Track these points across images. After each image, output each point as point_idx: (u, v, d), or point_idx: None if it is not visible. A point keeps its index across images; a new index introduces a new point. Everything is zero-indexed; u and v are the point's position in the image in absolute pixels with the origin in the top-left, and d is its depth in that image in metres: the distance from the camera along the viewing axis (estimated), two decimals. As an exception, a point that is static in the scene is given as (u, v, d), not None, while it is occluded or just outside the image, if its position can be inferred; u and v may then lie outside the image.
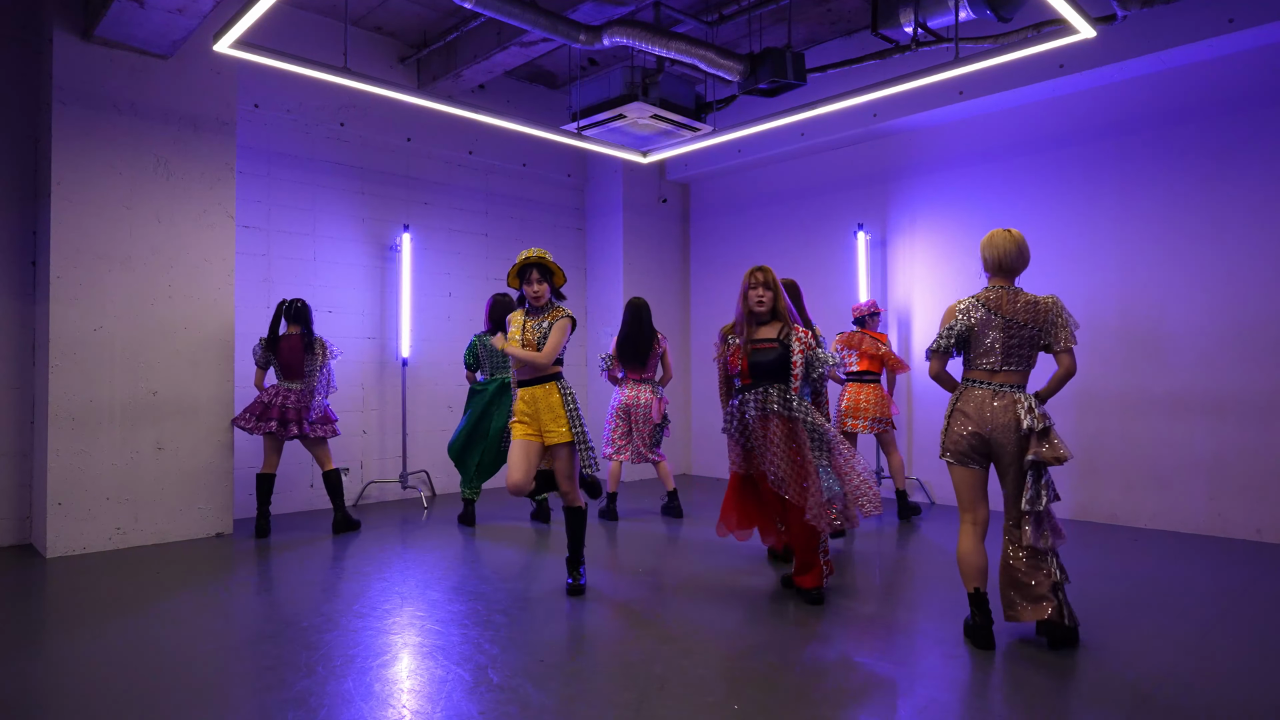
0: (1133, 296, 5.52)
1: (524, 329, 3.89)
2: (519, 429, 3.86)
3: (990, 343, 3.12)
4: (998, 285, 3.18)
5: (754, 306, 3.73)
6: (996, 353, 3.12)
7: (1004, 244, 3.16)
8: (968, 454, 3.15)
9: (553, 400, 3.84)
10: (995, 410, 3.09)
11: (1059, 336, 3.07)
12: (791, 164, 7.47)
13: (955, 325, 3.17)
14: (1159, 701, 2.63)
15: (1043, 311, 3.10)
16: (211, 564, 4.54)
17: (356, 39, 6.34)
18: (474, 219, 7.36)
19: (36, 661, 3.07)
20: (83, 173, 4.79)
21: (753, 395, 3.72)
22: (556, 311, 3.91)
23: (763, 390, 3.70)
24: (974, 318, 3.15)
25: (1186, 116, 5.33)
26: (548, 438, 3.82)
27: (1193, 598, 3.79)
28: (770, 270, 3.76)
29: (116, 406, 4.88)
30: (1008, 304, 3.12)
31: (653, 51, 5.04)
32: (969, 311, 3.17)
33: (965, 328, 3.16)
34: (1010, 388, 3.11)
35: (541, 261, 3.87)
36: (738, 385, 3.83)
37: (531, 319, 3.91)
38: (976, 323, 3.15)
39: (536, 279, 3.86)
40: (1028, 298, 3.13)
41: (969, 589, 3.16)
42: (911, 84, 4.71)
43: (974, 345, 3.16)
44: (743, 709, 2.59)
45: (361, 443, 6.52)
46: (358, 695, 2.70)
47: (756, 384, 3.73)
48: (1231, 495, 5.10)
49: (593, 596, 3.87)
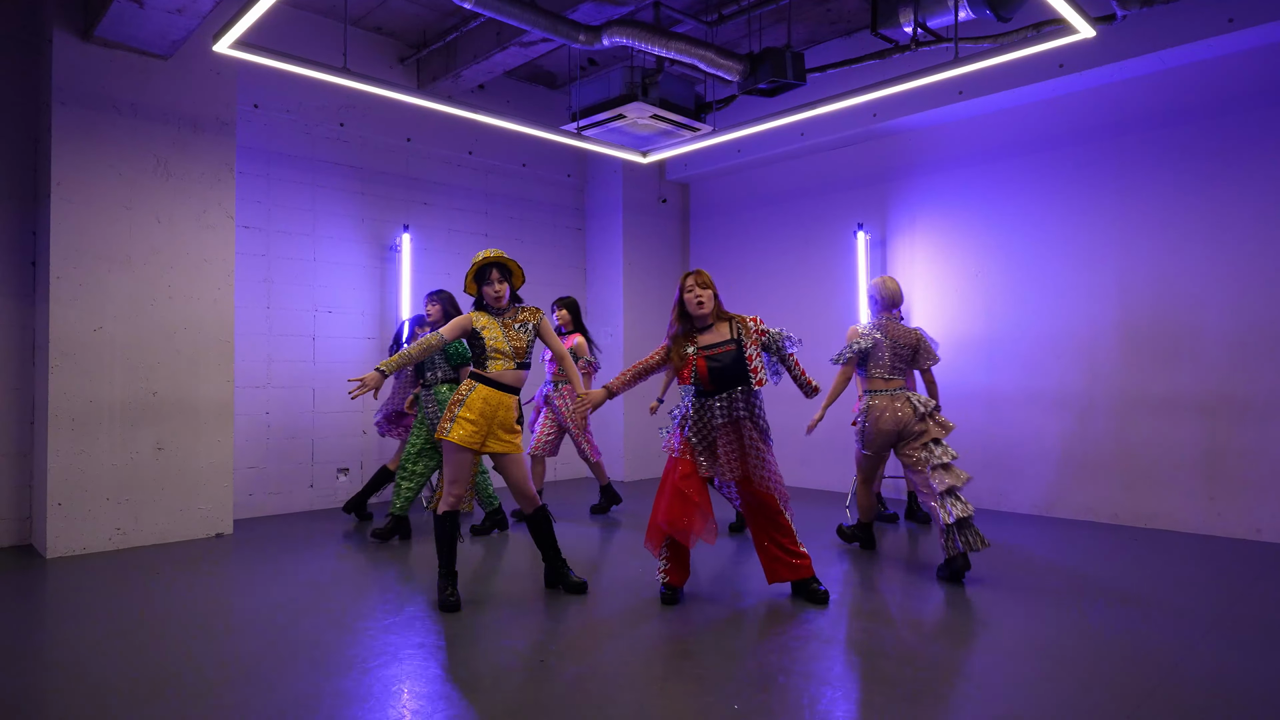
0: (1133, 296, 5.52)
1: (506, 335, 3.74)
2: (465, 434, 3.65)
3: (882, 356, 4.43)
4: (885, 316, 4.54)
5: (693, 309, 3.68)
6: (886, 364, 4.42)
7: (893, 288, 4.58)
8: (882, 448, 4.43)
9: (515, 414, 3.79)
10: (898, 410, 4.31)
11: (924, 361, 4.56)
12: (791, 164, 7.47)
13: (860, 344, 4.44)
14: (1159, 701, 2.63)
15: (915, 338, 4.52)
16: (212, 564, 4.54)
17: (356, 39, 6.34)
18: (474, 219, 7.36)
19: (36, 662, 3.07)
20: (83, 173, 4.79)
21: (718, 402, 3.65)
22: (528, 313, 3.83)
23: (728, 396, 3.65)
24: (873, 339, 4.44)
25: (1186, 116, 5.33)
26: (494, 445, 3.71)
27: (1192, 597, 3.80)
28: (706, 273, 3.75)
29: (116, 407, 4.88)
30: (893, 330, 4.49)
31: (652, 51, 5.04)
32: (869, 334, 4.47)
33: (867, 345, 4.43)
34: (900, 389, 4.39)
35: (501, 261, 3.78)
36: (697, 390, 3.70)
37: (505, 321, 3.78)
38: (874, 343, 4.44)
39: (498, 279, 3.75)
40: (904, 327, 4.54)
41: (867, 520, 4.77)
42: (911, 84, 4.71)
43: (872, 359, 4.45)
44: (743, 709, 2.59)
45: (362, 443, 6.52)
46: (358, 695, 2.70)
47: (720, 389, 3.66)
48: (1231, 495, 5.10)
49: (591, 597, 3.87)
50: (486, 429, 3.69)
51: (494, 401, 3.71)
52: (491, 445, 3.72)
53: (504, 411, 3.73)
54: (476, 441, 3.67)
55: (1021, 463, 5.98)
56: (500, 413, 3.72)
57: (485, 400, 3.69)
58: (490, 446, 3.72)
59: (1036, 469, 5.91)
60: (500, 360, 3.73)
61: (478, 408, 3.67)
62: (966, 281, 6.32)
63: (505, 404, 3.74)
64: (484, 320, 3.76)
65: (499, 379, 3.73)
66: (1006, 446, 6.06)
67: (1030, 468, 5.94)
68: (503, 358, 3.73)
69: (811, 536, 5.09)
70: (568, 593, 3.90)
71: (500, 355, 3.72)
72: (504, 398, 3.74)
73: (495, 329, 3.75)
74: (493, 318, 3.79)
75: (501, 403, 3.73)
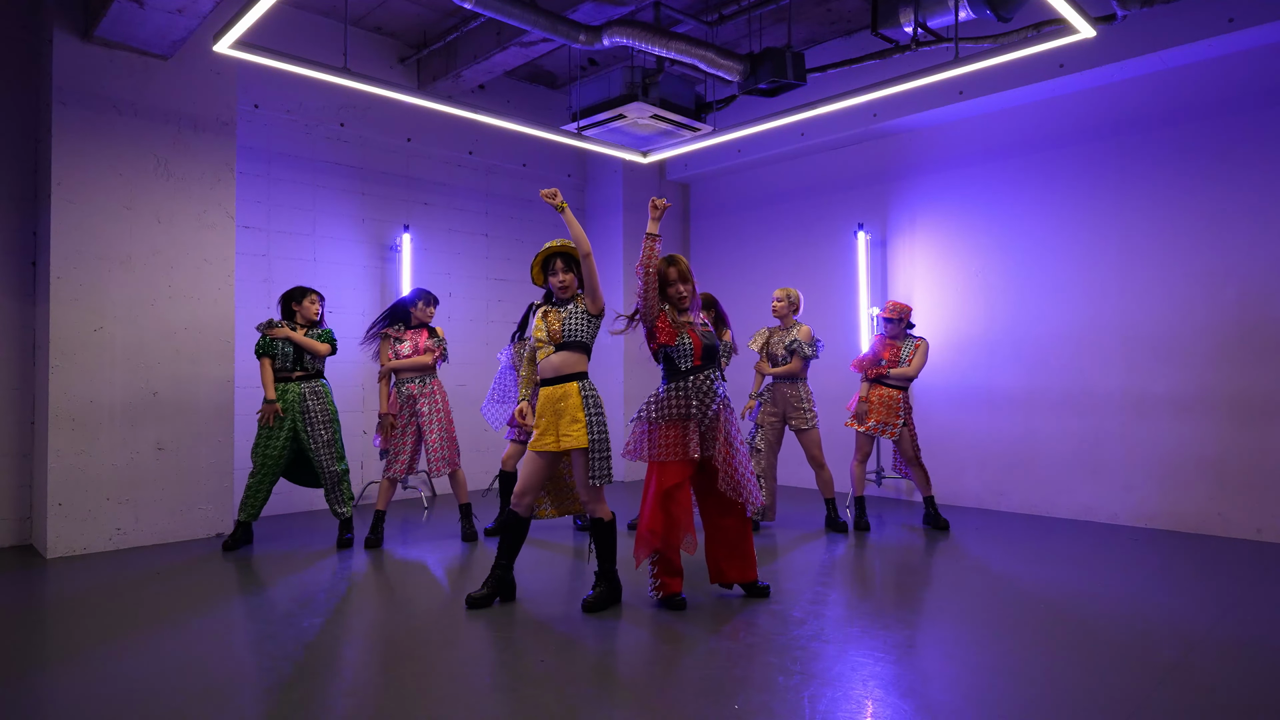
0: (1133, 295, 5.52)
1: (545, 321, 3.62)
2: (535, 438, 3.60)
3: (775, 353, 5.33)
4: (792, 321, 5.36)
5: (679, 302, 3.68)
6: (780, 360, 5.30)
7: (797, 294, 5.41)
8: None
9: (573, 402, 3.57)
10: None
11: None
12: (791, 164, 7.47)
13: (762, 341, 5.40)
14: (1160, 701, 2.63)
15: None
16: (212, 564, 4.54)
17: (356, 39, 6.34)
18: (474, 219, 7.36)
19: (37, 662, 3.07)
20: (83, 173, 4.80)
21: (705, 378, 3.64)
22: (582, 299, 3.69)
23: (709, 375, 3.65)
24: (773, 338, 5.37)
25: (1186, 116, 5.33)
26: (566, 442, 3.53)
27: (1193, 598, 3.80)
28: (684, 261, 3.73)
29: (117, 407, 4.88)
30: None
31: (653, 51, 5.04)
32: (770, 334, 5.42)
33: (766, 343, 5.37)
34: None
35: (566, 250, 3.64)
36: (684, 368, 3.62)
37: (558, 310, 3.65)
38: (773, 343, 5.35)
39: (562, 268, 3.62)
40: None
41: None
42: (911, 84, 4.71)
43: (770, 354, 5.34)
44: (743, 709, 2.59)
45: (362, 443, 6.52)
46: (358, 696, 2.70)
47: (705, 366, 3.66)
48: (1232, 495, 5.10)
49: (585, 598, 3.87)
50: (554, 426, 3.55)
51: (550, 396, 3.58)
52: (565, 443, 3.54)
53: (564, 403, 3.54)
54: (549, 443, 3.53)
55: (1021, 462, 5.98)
56: (560, 405, 3.55)
57: (545, 398, 3.59)
58: (564, 444, 3.54)
59: (1036, 469, 5.91)
60: (542, 349, 3.62)
61: (538, 407, 3.61)
62: (967, 281, 6.32)
63: (557, 395, 3.56)
64: (541, 310, 3.68)
65: (544, 372, 3.61)
66: (1006, 446, 6.06)
67: (1030, 467, 5.94)
68: (542, 345, 3.62)
69: (808, 534, 5.08)
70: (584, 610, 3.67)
71: (540, 344, 3.62)
72: (553, 390, 3.57)
73: (541, 318, 3.64)
74: (553, 308, 3.67)
75: (551, 396, 3.57)
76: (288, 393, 4.84)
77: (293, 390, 4.85)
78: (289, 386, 4.84)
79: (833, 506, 5.37)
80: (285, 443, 4.82)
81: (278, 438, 4.80)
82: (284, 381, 4.85)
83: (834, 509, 5.37)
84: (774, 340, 5.41)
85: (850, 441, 6.43)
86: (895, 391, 5.37)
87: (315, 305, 4.99)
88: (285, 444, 4.82)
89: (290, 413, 4.82)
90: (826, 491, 5.39)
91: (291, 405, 4.82)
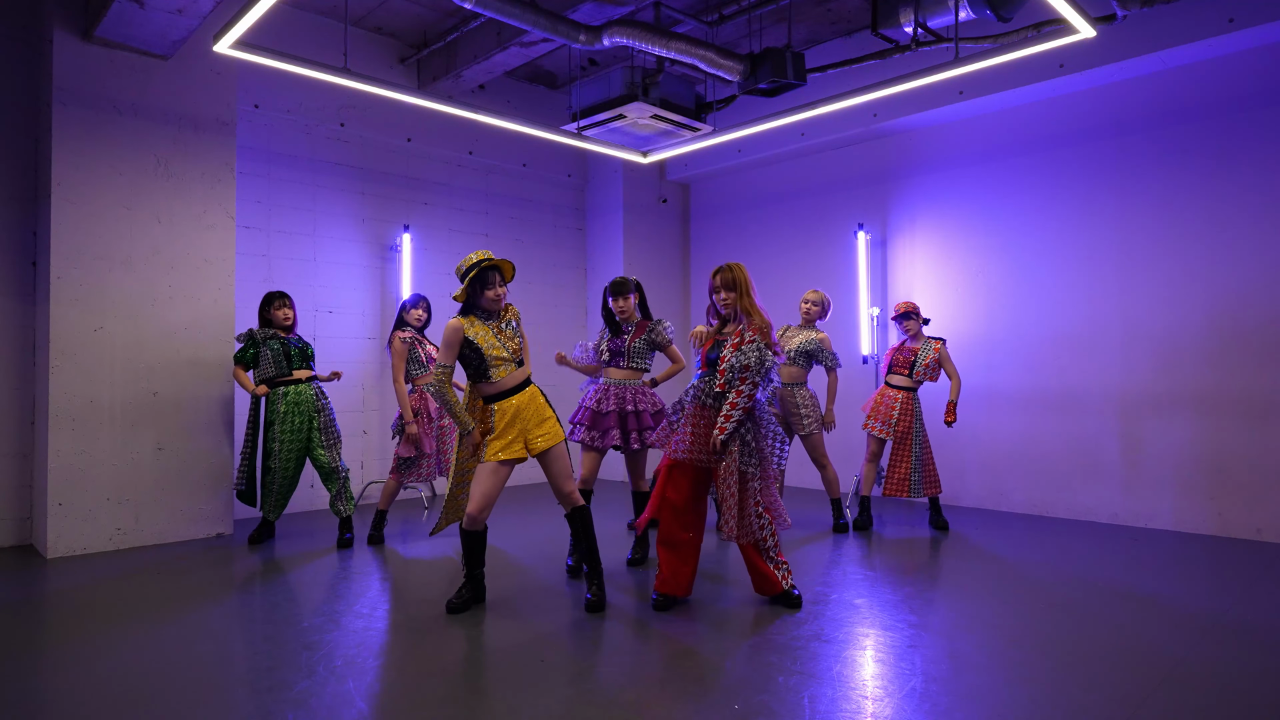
0: (1133, 296, 5.52)
1: (501, 340, 3.59)
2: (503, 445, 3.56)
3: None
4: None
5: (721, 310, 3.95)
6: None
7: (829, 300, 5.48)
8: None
9: (540, 402, 3.67)
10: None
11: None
12: (791, 164, 7.47)
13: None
14: (1159, 701, 2.63)
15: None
16: (212, 565, 4.54)
17: (356, 39, 6.34)
18: (474, 219, 7.36)
19: (37, 662, 3.07)
20: (83, 173, 4.80)
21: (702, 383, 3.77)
22: (509, 311, 3.70)
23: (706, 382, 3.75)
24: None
25: (1186, 116, 5.33)
26: (538, 444, 3.59)
27: (1193, 597, 3.80)
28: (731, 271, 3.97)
29: (117, 407, 4.88)
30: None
31: (653, 51, 5.04)
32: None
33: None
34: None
35: (504, 264, 3.63)
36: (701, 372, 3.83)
37: (497, 327, 3.62)
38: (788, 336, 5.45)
39: (499, 281, 3.60)
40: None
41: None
42: (911, 84, 4.71)
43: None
44: (743, 709, 2.59)
45: (362, 443, 6.52)
46: (358, 696, 2.70)
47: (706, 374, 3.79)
48: (1232, 495, 5.10)
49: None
50: (522, 434, 3.59)
51: (519, 404, 3.61)
52: (535, 446, 3.60)
53: (530, 408, 3.62)
54: (517, 450, 3.56)
55: (1021, 462, 5.98)
56: (527, 412, 3.61)
57: (516, 410, 3.59)
58: (535, 447, 3.60)
59: (1036, 468, 5.91)
60: (502, 367, 3.58)
61: (507, 418, 3.58)
62: (967, 281, 6.32)
63: (524, 400, 3.61)
64: (475, 329, 3.55)
65: (504, 386, 3.60)
66: (1006, 446, 6.06)
67: (1029, 467, 5.94)
68: (503, 364, 3.58)
69: (811, 535, 5.08)
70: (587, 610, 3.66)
71: (501, 362, 3.57)
72: (521, 397, 3.61)
73: (489, 336, 3.57)
74: (483, 323, 3.60)
75: (519, 403, 3.60)
76: (300, 394, 4.89)
77: (305, 391, 4.91)
78: (300, 388, 4.90)
79: (838, 507, 5.37)
80: (305, 441, 4.92)
81: (300, 436, 4.89)
82: (292, 384, 4.90)
83: (839, 509, 5.37)
84: (788, 334, 5.39)
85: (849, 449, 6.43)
86: (897, 392, 5.38)
87: (283, 311, 4.95)
88: (305, 442, 4.93)
89: (306, 412, 4.89)
90: (832, 491, 5.39)
91: (307, 405, 4.89)
